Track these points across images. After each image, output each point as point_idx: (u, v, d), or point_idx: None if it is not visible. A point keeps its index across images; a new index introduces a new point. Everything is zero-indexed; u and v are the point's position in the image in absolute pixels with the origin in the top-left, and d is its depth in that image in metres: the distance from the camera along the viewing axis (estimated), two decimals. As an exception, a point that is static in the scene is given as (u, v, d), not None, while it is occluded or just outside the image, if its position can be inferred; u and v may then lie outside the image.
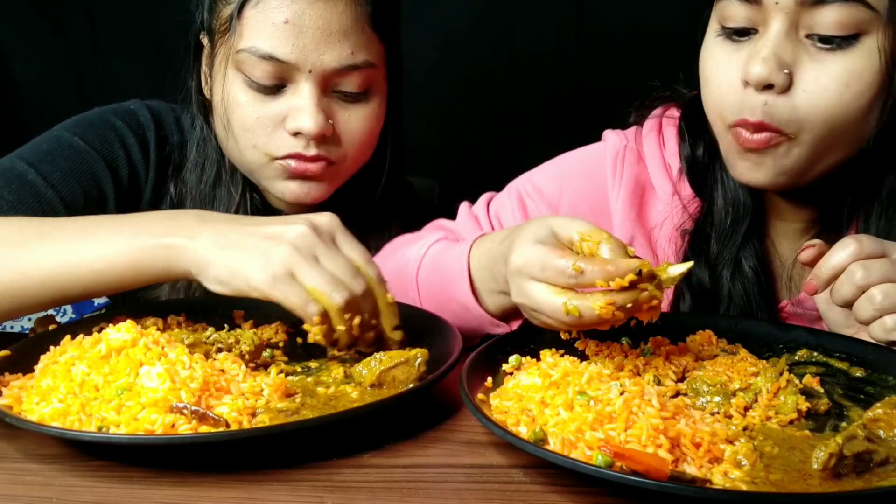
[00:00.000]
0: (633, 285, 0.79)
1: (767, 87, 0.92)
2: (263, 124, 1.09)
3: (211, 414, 0.75)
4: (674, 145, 1.15)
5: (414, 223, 1.28)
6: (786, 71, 0.92)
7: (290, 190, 1.13)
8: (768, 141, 0.94)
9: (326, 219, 0.91)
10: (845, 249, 0.88)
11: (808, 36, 0.92)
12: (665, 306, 1.10)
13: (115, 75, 2.03)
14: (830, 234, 1.06)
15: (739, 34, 0.96)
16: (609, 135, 1.21)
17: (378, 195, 1.26)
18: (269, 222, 0.90)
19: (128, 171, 1.18)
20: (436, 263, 1.06)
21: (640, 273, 0.79)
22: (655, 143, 1.16)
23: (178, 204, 1.21)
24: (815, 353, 0.93)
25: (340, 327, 0.87)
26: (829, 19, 0.90)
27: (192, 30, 1.17)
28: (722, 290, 1.07)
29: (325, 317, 0.87)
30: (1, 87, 2.09)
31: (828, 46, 0.92)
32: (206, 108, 1.19)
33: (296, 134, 1.09)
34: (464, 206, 1.23)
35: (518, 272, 0.85)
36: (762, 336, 0.97)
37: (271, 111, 1.09)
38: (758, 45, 0.93)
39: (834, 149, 0.97)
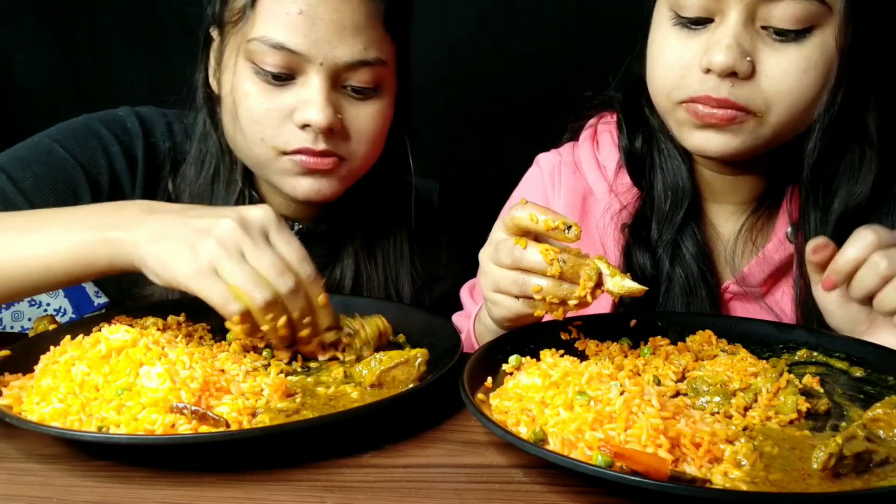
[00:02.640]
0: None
1: (731, 74, 0.95)
2: (272, 116, 1.08)
3: (211, 414, 0.75)
4: (608, 147, 1.18)
5: (417, 226, 1.28)
6: (748, 58, 0.95)
7: (301, 186, 1.12)
8: (733, 118, 0.97)
9: (260, 212, 0.89)
10: (863, 240, 0.89)
11: (764, 27, 0.95)
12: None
13: (115, 75, 2.03)
14: (767, 212, 1.10)
15: (695, 23, 0.98)
16: (542, 157, 1.24)
17: (385, 197, 1.25)
18: (204, 214, 0.88)
19: (109, 180, 1.17)
20: None
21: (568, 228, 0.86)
22: (590, 149, 1.20)
23: (175, 199, 1.20)
24: (815, 353, 0.93)
25: (264, 327, 0.86)
26: (784, 13, 0.94)
27: (202, 23, 1.16)
28: (662, 274, 1.09)
29: (249, 315, 0.85)
30: (1, 87, 2.09)
31: (783, 38, 0.95)
32: (211, 101, 1.18)
33: (304, 127, 1.07)
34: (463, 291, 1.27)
35: (494, 228, 0.93)
36: (762, 336, 0.97)
37: (280, 103, 1.07)
38: (717, 34, 0.96)
39: (793, 129, 1.00)
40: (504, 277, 0.88)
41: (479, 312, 1.07)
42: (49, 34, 2.05)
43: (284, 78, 1.07)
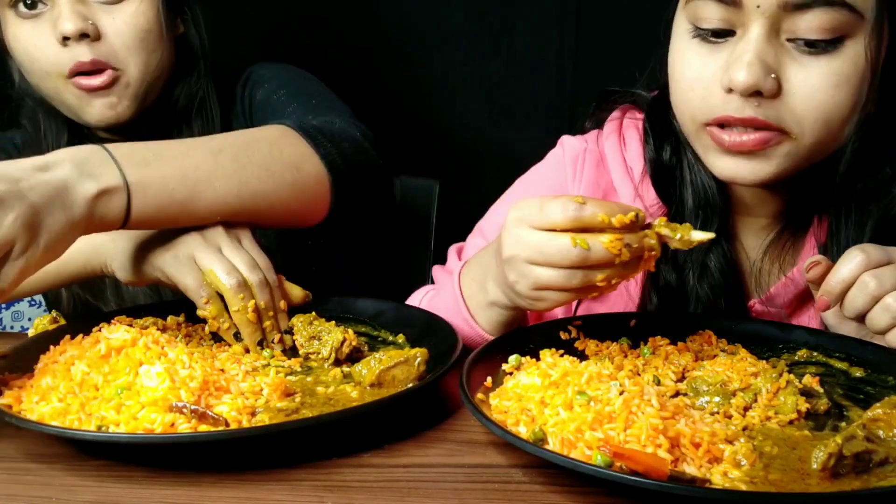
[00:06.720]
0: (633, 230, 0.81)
1: (755, 93, 0.89)
2: (36, 45, 1.12)
3: (210, 413, 0.75)
4: (635, 147, 1.12)
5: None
6: (773, 75, 0.89)
7: (94, 109, 1.15)
8: (767, 141, 0.91)
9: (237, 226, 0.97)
10: (853, 261, 0.88)
11: (790, 40, 0.90)
12: (632, 306, 1.10)
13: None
14: (794, 230, 1.06)
15: (716, 35, 0.93)
16: (567, 139, 1.19)
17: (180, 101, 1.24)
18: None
19: None
20: (433, 307, 1.05)
21: (637, 218, 0.81)
22: (616, 145, 1.14)
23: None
24: (815, 354, 0.93)
25: (234, 307, 0.92)
26: (812, 24, 0.88)
27: None
28: (689, 291, 1.06)
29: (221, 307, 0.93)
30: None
31: (812, 50, 0.89)
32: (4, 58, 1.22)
33: (64, 41, 1.11)
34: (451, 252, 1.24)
35: (516, 223, 0.83)
36: (762, 336, 0.97)
37: (38, 29, 1.11)
38: (739, 50, 0.90)
39: (826, 148, 0.95)
40: (558, 275, 0.82)
41: (466, 269, 1.03)
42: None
43: (32, 4, 1.11)
